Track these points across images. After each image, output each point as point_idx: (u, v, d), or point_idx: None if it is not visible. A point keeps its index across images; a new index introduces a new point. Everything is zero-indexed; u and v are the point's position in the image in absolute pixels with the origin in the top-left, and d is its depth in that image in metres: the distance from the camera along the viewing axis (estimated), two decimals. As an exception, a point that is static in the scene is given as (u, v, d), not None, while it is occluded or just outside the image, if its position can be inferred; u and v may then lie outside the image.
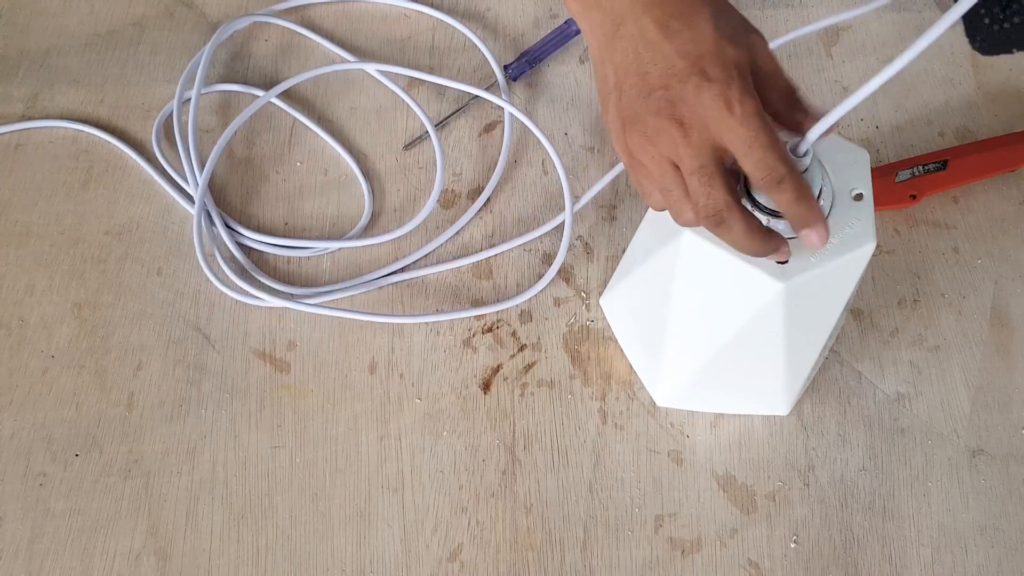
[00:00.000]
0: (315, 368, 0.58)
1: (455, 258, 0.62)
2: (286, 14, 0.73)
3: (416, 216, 0.63)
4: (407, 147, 0.67)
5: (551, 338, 0.59)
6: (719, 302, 0.48)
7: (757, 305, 0.45)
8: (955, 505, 0.54)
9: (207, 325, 0.60)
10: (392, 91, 0.69)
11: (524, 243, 0.62)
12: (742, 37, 0.40)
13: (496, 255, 0.62)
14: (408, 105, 0.68)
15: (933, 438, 0.56)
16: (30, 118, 0.68)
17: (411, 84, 0.69)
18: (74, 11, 0.73)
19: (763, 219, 0.42)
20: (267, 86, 0.69)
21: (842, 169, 0.45)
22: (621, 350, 0.58)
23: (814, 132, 0.39)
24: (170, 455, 0.56)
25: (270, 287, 0.61)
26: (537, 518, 0.54)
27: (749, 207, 0.42)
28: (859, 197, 0.45)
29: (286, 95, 0.68)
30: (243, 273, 0.61)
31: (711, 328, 0.49)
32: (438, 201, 0.64)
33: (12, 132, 0.67)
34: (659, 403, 0.56)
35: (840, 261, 0.44)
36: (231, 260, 0.62)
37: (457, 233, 0.63)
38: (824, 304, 0.47)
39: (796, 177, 0.39)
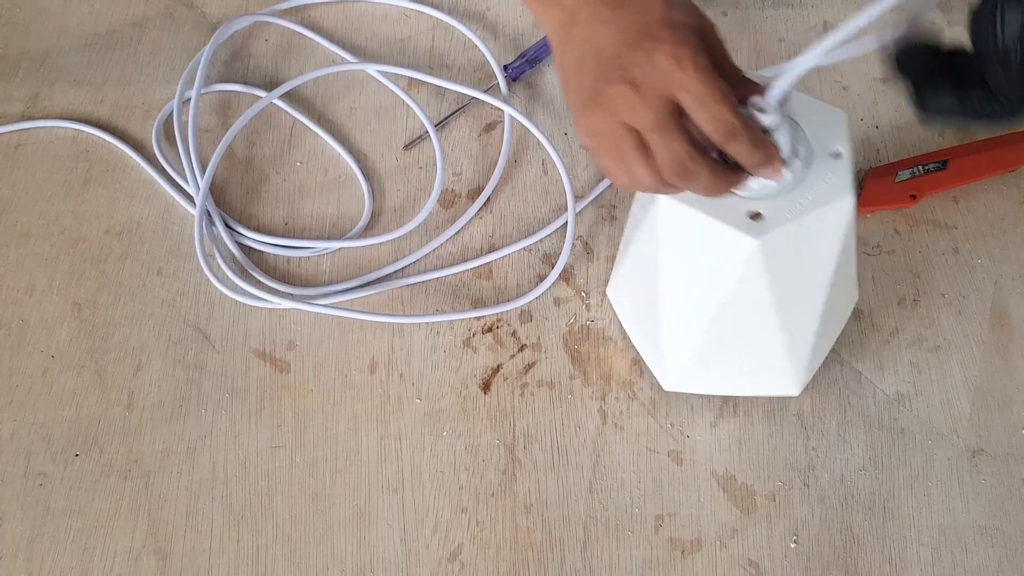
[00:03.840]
0: (315, 368, 0.58)
1: (455, 263, 0.62)
2: (286, 14, 0.73)
3: (416, 216, 0.63)
4: (407, 147, 0.67)
5: (551, 338, 0.59)
6: (702, 269, 0.47)
7: (738, 267, 0.45)
8: (955, 505, 0.54)
9: (207, 325, 0.60)
10: (392, 91, 0.69)
11: (526, 246, 0.62)
12: (692, 14, 0.41)
13: (497, 250, 0.62)
14: (408, 105, 0.68)
15: (933, 438, 0.56)
16: (30, 118, 0.68)
17: (411, 84, 0.69)
18: (74, 11, 0.73)
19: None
20: (267, 86, 0.69)
21: (820, 130, 0.45)
22: (621, 350, 0.58)
23: (777, 86, 0.40)
24: (170, 455, 0.56)
25: (270, 287, 0.61)
26: (537, 518, 0.54)
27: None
28: (838, 155, 0.45)
29: (286, 95, 0.68)
30: (243, 273, 0.61)
31: (700, 298, 0.49)
32: (438, 201, 0.64)
33: (12, 132, 0.67)
34: (667, 388, 0.55)
35: (816, 214, 0.43)
36: (231, 260, 0.62)
37: (457, 233, 0.63)
38: (809, 264, 0.47)
39: (748, 128, 0.40)
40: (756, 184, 0.43)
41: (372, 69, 0.68)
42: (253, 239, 0.63)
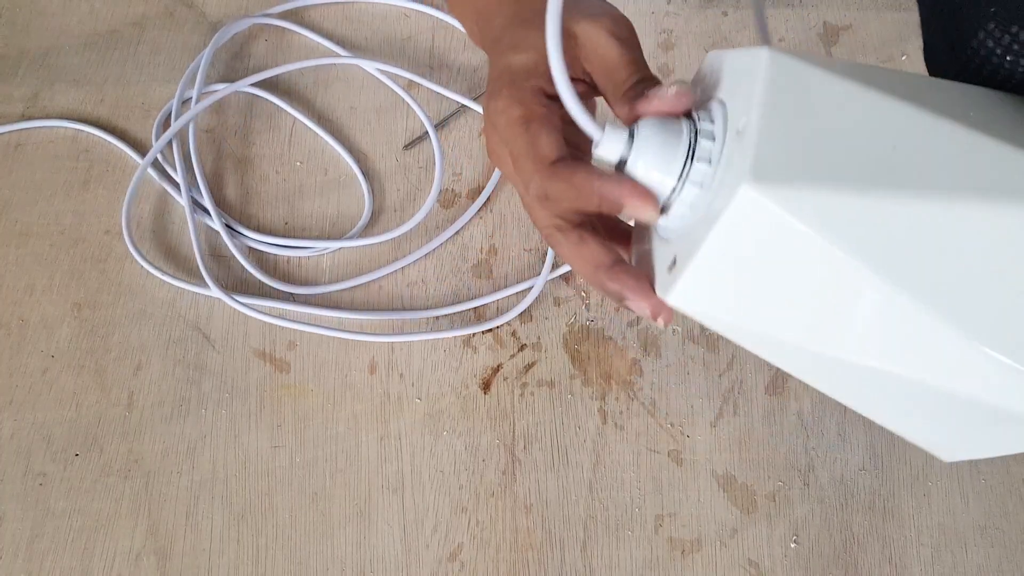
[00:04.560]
0: (315, 368, 0.58)
1: (452, 302, 0.62)
2: (286, 15, 0.73)
3: (416, 215, 0.63)
4: (407, 147, 0.67)
5: (551, 338, 0.59)
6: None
7: (734, 334, 0.33)
8: (955, 505, 0.54)
9: (207, 325, 0.60)
10: (392, 91, 0.69)
11: (518, 292, 0.62)
12: (530, 45, 0.36)
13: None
14: (408, 105, 0.68)
15: (933, 438, 0.56)
16: (30, 118, 0.68)
17: (411, 83, 0.69)
18: (74, 11, 0.73)
19: (693, 180, 0.32)
20: (266, 85, 0.69)
21: (742, 98, 0.31)
22: (621, 350, 0.58)
23: (573, 111, 0.33)
24: (170, 455, 0.56)
25: (270, 287, 0.61)
26: (537, 518, 0.54)
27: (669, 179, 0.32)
28: (741, 132, 0.30)
29: (286, 95, 0.68)
30: (243, 273, 0.61)
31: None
32: (438, 200, 0.64)
33: (12, 132, 0.67)
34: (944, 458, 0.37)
35: (714, 235, 0.29)
36: (231, 260, 0.62)
37: (457, 233, 0.63)
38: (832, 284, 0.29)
39: (560, 179, 0.34)
40: (663, 221, 0.33)
41: (361, 63, 0.68)
42: (253, 239, 0.63)
